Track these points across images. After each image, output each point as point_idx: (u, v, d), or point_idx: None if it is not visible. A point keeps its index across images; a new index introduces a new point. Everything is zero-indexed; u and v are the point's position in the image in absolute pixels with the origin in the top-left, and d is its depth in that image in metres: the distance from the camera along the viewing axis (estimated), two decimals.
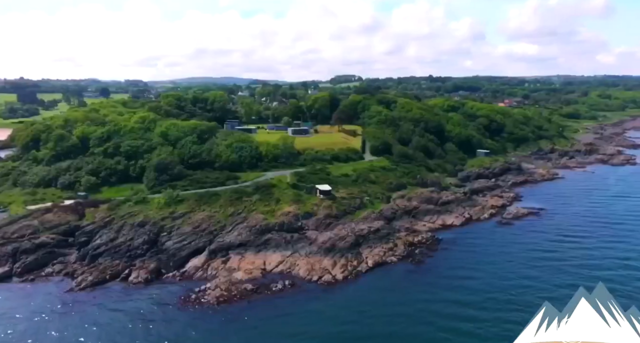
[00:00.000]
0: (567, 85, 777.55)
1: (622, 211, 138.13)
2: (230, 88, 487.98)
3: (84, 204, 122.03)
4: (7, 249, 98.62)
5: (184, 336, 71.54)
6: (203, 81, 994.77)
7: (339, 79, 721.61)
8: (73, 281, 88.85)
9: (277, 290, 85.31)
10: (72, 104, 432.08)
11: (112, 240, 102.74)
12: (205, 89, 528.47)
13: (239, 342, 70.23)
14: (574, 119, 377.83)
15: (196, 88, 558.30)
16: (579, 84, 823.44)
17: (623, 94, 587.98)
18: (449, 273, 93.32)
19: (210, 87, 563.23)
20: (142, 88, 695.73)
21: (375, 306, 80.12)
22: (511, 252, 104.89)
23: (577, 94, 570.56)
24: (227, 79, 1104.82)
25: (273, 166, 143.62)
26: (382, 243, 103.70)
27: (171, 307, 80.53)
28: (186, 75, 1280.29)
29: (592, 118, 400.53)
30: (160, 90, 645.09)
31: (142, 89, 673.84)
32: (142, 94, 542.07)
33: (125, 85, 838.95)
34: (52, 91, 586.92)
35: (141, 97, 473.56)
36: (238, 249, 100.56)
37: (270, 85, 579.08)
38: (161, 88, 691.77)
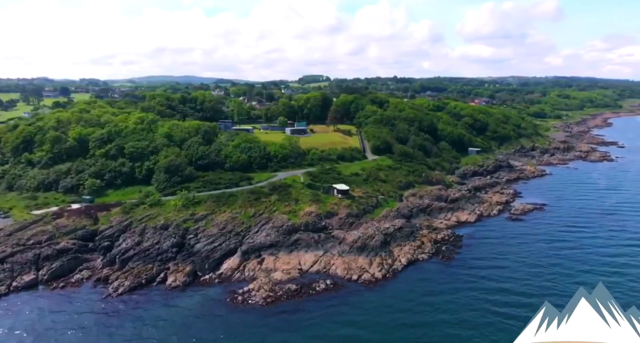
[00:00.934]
0: (523, 85, 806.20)
1: (614, 202, 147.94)
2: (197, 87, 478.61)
3: (95, 208, 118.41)
4: (28, 256, 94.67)
5: (246, 335, 71.28)
6: (163, 80, 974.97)
7: (307, 78, 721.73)
8: (109, 287, 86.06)
9: (321, 290, 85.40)
10: (31, 104, 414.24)
11: (138, 243, 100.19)
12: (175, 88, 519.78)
13: (300, 338, 70.53)
14: (540, 118, 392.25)
15: (164, 87, 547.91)
16: (534, 84, 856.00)
17: (580, 94, 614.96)
18: (479, 265, 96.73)
19: (177, 87, 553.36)
20: (104, 87, 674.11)
21: (420, 298, 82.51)
22: (528, 243, 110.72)
23: (538, 94, 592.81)
24: (187, 77, 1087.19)
25: (282, 166, 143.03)
26: (409, 241, 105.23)
27: (220, 308, 79.87)
28: (144, 74, 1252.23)
29: (557, 117, 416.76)
30: (124, 89, 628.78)
31: (104, 88, 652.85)
32: (104, 94, 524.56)
33: (82, 84, 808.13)
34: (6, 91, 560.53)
35: (104, 97, 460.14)
36: (270, 250, 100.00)
37: (241, 84, 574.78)
38: (123, 87, 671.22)
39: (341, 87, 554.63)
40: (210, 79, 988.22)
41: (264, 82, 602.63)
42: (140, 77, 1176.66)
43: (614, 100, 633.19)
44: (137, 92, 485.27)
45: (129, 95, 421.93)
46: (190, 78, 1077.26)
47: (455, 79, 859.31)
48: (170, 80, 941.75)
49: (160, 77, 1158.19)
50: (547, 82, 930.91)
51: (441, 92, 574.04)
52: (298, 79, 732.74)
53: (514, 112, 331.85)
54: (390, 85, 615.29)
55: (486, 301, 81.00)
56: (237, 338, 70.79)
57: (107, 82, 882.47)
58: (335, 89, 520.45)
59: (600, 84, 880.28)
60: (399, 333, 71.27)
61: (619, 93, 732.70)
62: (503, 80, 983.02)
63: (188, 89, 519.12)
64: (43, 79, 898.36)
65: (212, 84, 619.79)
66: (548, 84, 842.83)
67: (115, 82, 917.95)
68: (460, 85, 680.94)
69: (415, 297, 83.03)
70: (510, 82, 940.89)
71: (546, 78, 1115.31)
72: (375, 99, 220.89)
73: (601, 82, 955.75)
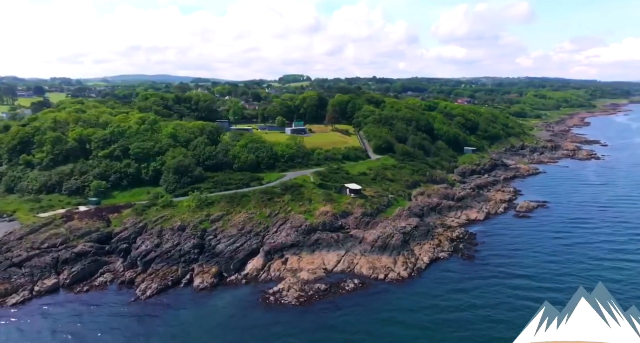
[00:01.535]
0: (498, 86, 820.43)
1: (610, 198, 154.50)
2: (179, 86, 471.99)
3: (106, 210, 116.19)
4: (46, 260, 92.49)
5: (285, 335, 71.23)
6: (137, 79, 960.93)
7: (288, 78, 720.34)
8: (136, 290, 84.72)
9: (351, 289, 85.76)
10: (6, 104, 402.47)
11: (158, 245, 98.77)
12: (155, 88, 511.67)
13: (342, 336, 71.07)
14: (522, 117, 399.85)
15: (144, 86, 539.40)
16: (508, 85, 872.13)
17: (556, 94, 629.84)
18: (499, 262, 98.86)
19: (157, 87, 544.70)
20: (80, 87, 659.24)
21: (451, 296, 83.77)
22: (540, 239, 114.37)
23: (515, 95, 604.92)
24: (161, 76, 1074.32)
25: (290, 166, 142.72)
26: (427, 240, 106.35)
27: (253, 309, 79.52)
28: (117, 73, 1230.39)
29: (537, 117, 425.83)
30: (99, 88, 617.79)
31: (80, 87, 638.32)
32: (80, 93, 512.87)
33: (55, 83, 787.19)
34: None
35: (80, 96, 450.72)
36: (292, 250, 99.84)
37: (222, 83, 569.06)
38: (97, 87, 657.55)
39: (323, 87, 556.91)
40: (186, 78, 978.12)
41: (245, 82, 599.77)
42: (113, 76, 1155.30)
43: (587, 101, 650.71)
44: (116, 92, 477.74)
45: (108, 95, 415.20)
46: (165, 77, 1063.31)
47: (432, 80, 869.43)
48: (144, 79, 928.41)
49: (134, 76, 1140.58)
50: (521, 83, 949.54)
51: (422, 92, 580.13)
52: (279, 78, 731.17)
53: (497, 112, 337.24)
54: (371, 85, 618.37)
55: (516, 297, 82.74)
56: (275, 338, 70.60)
57: (80, 81, 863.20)
58: (317, 89, 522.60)
59: (571, 85, 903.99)
60: (439, 330, 72.25)
61: (591, 93, 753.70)
62: (477, 81, 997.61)
63: (169, 88, 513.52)
64: (12, 78, 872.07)
65: (192, 83, 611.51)
66: (522, 85, 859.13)
67: (88, 81, 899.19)
68: (438, 86, 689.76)
69: (445, 295, 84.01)
70: (485, 83, 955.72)
71: (519, 79, 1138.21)
72: (371, 99, 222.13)
73: (572, 83, 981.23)
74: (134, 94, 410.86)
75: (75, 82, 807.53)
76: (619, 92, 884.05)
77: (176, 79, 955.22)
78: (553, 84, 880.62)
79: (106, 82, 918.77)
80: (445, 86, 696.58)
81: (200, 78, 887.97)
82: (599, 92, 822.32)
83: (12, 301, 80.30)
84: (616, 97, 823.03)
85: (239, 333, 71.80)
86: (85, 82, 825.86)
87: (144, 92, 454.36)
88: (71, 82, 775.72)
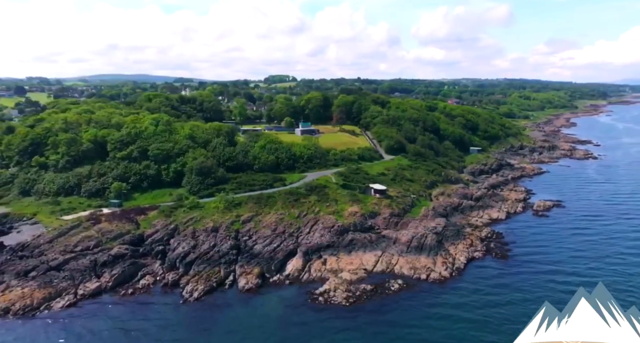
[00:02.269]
0: (479, 87, 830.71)
1: (617, 194, 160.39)
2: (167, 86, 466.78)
3: (131, 211, 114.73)
4: (84, 262, 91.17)
5: (343, 334, 71.79)
6: (115, 78, 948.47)
7: (273, 78, 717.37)
8: (182, 291, 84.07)
9: (397, 289, 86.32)
10: None
11: (194, 247, 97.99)
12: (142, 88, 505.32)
13: (396, 329, 72.71)
14: (510, 118, 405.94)
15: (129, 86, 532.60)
16: (489, 86, 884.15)
17: (539, 95, 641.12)
18: (533, 260, 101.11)
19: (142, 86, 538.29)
20: (62, 86, 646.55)
21: (493, 290, 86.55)
22: (564, 235, 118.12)
23: (500, 96, 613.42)
24: (140, 76, 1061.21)
25: (309, 167, 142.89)
26: (459, 240, 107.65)
27: (304, 309, 79.76)
28: (94, 72, 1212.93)
29: (525, 117, 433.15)
30: (80, 88, 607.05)
31: (62, 87, 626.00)
32: (63, 93, 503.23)
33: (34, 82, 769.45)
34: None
35: (63, 96, 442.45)
36: (329, 250, 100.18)
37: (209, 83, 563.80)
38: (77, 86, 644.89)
39: (311, 87, 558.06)
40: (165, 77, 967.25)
41: (230, 81, 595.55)
42: (91, 75, 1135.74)
43: (569, 102, 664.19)
44: (102, 92, 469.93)
45: (94, 95, 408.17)
46: (144, 77, 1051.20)
47: (416, 81, 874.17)
48: (123, 78, 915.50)
49: (113, 75, 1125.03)
50: (501, 84, 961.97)
51: (408, 93, 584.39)
52: (264, 78, 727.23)
53: (490, 113, 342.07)
54: (358, 86, 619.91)
55: (553, 290, 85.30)
56: (333, 332, 71.66)
57: (59, 80, 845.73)
58: (305, 89, 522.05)
59: (550, 86, 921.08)
60: (488, 323, 74.26)
61: (570, 95, 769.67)
62: (459, 82, 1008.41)
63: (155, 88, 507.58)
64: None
65: (177, 83, 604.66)
66: (503, 86, 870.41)
67: (65, 80, 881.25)
68: (423, 87, 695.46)
69: (487, 290, 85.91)
70: (466, 84, 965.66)
71: (498, 80, 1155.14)
72: (377, 99, 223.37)
73: (551, 85, 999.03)
74: (121, 94, 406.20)
75: (54, 81, 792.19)
76: (596, 93, 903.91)
77: (155, 79, 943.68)
78: (533, 85, 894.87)
79: (85, 81, 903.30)
80: (430, 87, 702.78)
81: (182, 78, 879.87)
82: (578, 93, 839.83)
83: (58, 305, 78.96)
84: (594, 97, 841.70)
85: (296, 330, 72.60)
86: (63, 82, 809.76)
87: (131, 91, 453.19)
88: (50, 82, 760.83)
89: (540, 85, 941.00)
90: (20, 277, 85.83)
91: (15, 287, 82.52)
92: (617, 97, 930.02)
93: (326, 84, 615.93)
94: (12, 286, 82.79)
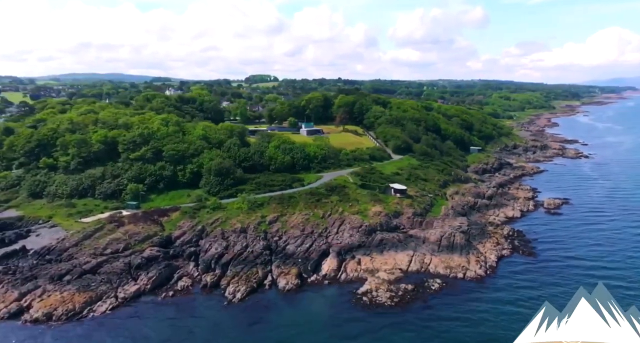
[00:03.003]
0: (456, 88, 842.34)
1: (618, 191, 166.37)
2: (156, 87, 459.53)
3: (154, 213, 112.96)
4: (119, 265, 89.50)
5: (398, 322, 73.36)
6: (88, 77, 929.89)
7: (254, 78, 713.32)
8: (224, 293, 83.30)
9: (437, 288, 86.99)
10: None
11: (226, 248, 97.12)
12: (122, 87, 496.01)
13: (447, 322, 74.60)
14: (495, 118, 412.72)
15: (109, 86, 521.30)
16: (466, 87, 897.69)
17: (519, 96, 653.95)
18: (559, 255, 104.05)
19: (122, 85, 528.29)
20: (37, 86, 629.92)
21: (534, 284, 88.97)
22: (581, 231, 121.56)
23: (480, 96, 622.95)
24: (113, 75, 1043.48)
25: (324, 167, 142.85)
26: (485, 238, 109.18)
27: (351, 308, 79.97)
28: (65, 71, 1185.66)
29: (509, 118, 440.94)
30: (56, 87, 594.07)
31: (38, 87, 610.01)
32: (40, 92, 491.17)
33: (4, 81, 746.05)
34: None
35: (41, 96, 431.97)
36: (361, 250, 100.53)
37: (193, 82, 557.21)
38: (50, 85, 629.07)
39: (295, 88, 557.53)
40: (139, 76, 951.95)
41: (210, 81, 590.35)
42: (62, 74, 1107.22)
43: (546, 102, 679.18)
44: (83, 91, 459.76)
45: (75, 95, 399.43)
46: (117, 76, 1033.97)
47: (395, 82, 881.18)
48: (96, 78, 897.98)
49: (85, 74, 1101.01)
50: (477, 85, 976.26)
51: (391, 93, 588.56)
52: (244, 78, 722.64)
53: (478, 113, 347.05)
54: (341, 86, 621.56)
55: (588, 284, 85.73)
56: (391, 328, 72.65)
57: (32, 79, 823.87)
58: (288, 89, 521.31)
59: (525, 87, 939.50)
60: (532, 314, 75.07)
61: (545, 95, 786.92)
62: (436, 83, 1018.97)
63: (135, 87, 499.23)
64: None
65: (158, 83, 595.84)
66: (479, 87, 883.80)
67: (36, 79, 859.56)
68: (403, 87, 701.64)
69: (528, 286, 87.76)
70: (443, 85, 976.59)
71: (472, 81, 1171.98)
72: (378, 99, 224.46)
73: (525, 86, 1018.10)
74: (103, 94, 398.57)
75: (27, 80, 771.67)
76: (569, 94, 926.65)
77: (129, 78, 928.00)
78: (509, 87, 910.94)
79: (57, 80, 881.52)
80: (410, 88, 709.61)
81: (160, 77, 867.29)
82: (552, 94, 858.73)
83: (101, 309, 77.32)
84: (567, 98, 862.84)
85: (348, 327, 73.04)
86: (35, 81, 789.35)
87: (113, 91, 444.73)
88: (22, 81, 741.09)
89: (515, 86, 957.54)
90: (55, 281, 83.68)
91: (52, 291, 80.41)
92: (588, 98, 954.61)
93: (309, 84, 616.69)
94: (49, 290, 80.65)
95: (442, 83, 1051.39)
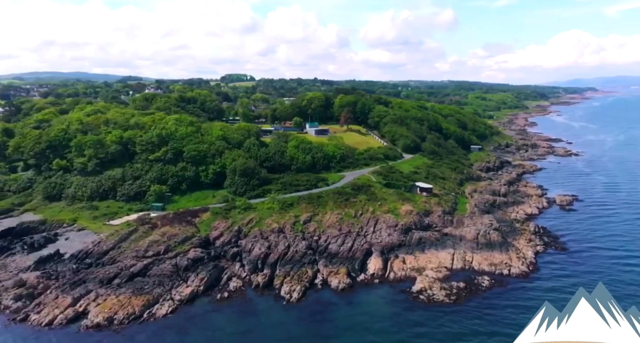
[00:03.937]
0: (429, 88, 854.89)
1: (621, 185, 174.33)
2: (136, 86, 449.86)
3: (185, 214, 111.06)
4: (167, 267, 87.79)
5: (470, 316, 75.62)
6: (51, 76, 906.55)
7: (231, 77, 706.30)
8: (280, 292, 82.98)
9: (488, 285, 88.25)
10: None
11: (269, 247, 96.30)
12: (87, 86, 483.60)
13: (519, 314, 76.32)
14: (479, 118, 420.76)
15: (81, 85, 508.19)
16: (439, 87, 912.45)
17: (494, 97, 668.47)
18: (591, 247, 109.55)
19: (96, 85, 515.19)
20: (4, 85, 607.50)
21: (578, 275, 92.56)
22: (599, 222, 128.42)
23: (457, 97, 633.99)
24: (77, 74, 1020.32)
25: (344, 166, 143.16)
26: (517, 235, 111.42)
27: (411, 306, 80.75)
28: (26, 70, 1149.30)
29: (489, 117, 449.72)
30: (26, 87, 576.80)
31: (5, 86, 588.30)
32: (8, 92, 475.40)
33: None
34: None
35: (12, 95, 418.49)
36: (403, 249, 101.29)
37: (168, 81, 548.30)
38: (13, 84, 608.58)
39: (275, 88, 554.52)
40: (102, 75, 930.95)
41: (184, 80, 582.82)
42: (24, 73, 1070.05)
43: (519, 102, 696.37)
44: (59, 90, 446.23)
45: (50, 94, 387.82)
46: (81, 74, 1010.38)
47: (369, 82, 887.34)
48: (60, 76, 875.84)
49: (48, 73, 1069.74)
50: (448, 86, 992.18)
51: (371, 93, 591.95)
52: (220, 77, 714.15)
53: (469, 113, 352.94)
54: (320, 86, 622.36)
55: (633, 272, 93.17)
56: (462, 320, 74.67)
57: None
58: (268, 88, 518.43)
59: (495, 88, 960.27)
60: None
61: (516, 96, 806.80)
62: (407, 84, 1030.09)
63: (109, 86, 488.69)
64: None
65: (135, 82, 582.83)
66: (452, 88, 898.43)
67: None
68: (380, 88, 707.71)
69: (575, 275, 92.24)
70: (416, 85, 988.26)
71: (442, 82, 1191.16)
72: (379, 99, 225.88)
73: (495, 86, 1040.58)
74: (80, 94, 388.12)
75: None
76: (537, 95, 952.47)
77: (93, 77, 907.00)
78: (481, 87, 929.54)
79: (21, 79, 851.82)
80: (386, 88, 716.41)
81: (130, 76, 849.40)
82: (523, 94, 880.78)
83: (161, 312, 75.78)
84: (536, 99, 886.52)
85: (413, 325, 74.05)
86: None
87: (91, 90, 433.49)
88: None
89: (485, 87, 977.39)
90: (105, 285, 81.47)
91: (106, 295, 78.25)
92: (555, 98, 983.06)
93: (288, 84, 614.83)
94: (102, 295, 78.48)
95: (413, 84, 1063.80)
